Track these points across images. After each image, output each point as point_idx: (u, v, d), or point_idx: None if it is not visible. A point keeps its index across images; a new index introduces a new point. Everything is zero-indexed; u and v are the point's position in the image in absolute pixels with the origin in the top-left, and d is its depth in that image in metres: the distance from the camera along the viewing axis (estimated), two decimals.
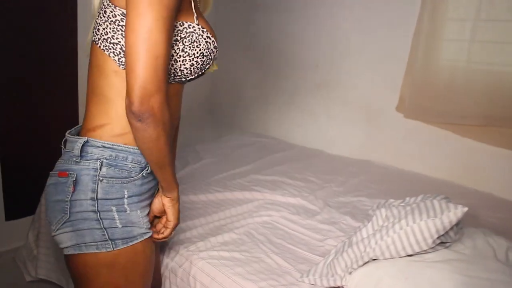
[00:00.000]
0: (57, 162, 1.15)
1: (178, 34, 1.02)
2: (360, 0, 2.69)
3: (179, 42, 1.02)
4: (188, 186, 2.16)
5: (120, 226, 1.07)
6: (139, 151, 1.06)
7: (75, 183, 1.04)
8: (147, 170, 1.11)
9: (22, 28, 2.34)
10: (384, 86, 2.62)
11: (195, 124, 3.52)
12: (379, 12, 2.60)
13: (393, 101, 2.55)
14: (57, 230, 1.06)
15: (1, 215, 2.52)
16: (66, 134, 1.15)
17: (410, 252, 1.31)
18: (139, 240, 1.11)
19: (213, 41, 1.08)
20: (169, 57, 0.97)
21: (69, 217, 1.04)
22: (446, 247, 1.37)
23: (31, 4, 2.35)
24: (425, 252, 1.33)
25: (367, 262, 1.35)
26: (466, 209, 1.28)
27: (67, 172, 1.06)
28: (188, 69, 1.06)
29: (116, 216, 1.07)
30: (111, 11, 1.01)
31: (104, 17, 1.02)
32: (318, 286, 1.40)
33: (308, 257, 1.60)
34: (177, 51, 1.03)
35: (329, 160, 2.75)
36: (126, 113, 0.95)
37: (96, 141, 1.06)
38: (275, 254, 1.61)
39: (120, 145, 1.06)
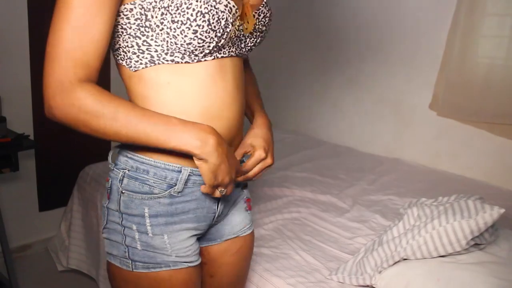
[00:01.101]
0: None
1: (159, 3, 0.83)
2: None
3: (165, 14, 0.82)
4: None
5: (139, 248, 0.93)
6: (163, 165, 0.91)
7: (109, 191, 0.96)
8: (178, 189, 0.92)
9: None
10: (418, 83, 2.57)
11: None
12: (413, 7, 2.55)
13: (426, 99, 2.50)
14: (102, 233, 0.99)
15: (35, 206, 2.58)
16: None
17: (442, 253, 1.28)
18: (164, 269, 0.93)
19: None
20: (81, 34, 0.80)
21: (106, 223, 0.97)
22: (481, 249, 1.33)
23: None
24: (458, 253, 1.30)
25: (398, 261, 1.33)
26: (502, 210, 1.24)
27: (108, 178, 0.98)
28: (196, 39, 0.83)
29: (137, 236, 0.93)
30: None
31: None
32: (347, 284, 1.38)
33: (337, 255, 1.59)
34: (168, 24, 0.83)
35: (360, 158, 2.71)
36: None
37: (125, 150, 0.96)
38: (304, 251, 1.59)
39: (140, 156, 0.92)
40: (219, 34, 0.85)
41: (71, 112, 0.82)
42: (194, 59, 0.88)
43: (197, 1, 0.82)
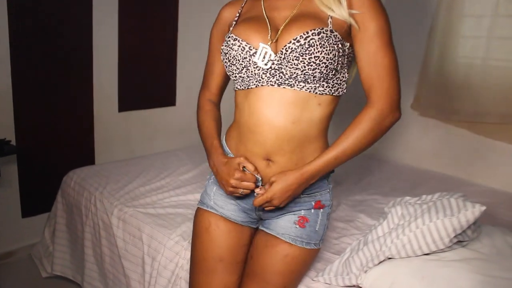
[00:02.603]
0: None
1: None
2: None
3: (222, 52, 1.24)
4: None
5: (204, 190, 1.39)
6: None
7: None
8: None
9: (38, 28, 2.36)
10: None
11: None
12: (394, 8, 2.58)
13: (408, 99, 2.53)
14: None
15: (17, 212, 2.54)
16: None
17: (426, 251, 1.30)
18: (202, 206, 1.35)
19: (234, 38, 1.18)
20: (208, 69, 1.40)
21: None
22: (463, 246, 1.35)
23: (48, 4, 2.37)
24: (442, 251, 1.31)
25: (383, 261, 1.34)
26: (484, 208, 1.26)
27: None
28: (228, 72, 1.23)
29: (205, 183, 1.40)
30: None
31: None
32: (334, 285, 1.39)
33: (323, 256, 1.59)
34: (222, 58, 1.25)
35: None
36: None
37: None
38: None
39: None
40: (240, 68, 1.17)
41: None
42: (241, 87, 1.21)
43: (224, 43, 1.20)
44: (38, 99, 2.46)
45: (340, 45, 1.11)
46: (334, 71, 1.13)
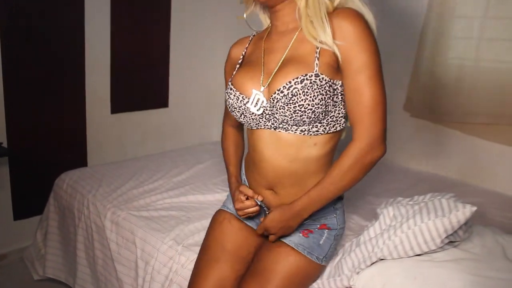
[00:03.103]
0: None
1: None
2: None
3: None
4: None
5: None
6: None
7: None
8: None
9: (29, 30, 2.35)
10: (391, 85, 2.60)
11: None
12: (385, 10, 2.59)
13: (400, 100, 2.54)
14: None
15: (9, 215, 2.53)
16: None
17: (418, 252, 1.30)
18: (222, 207, 1.49)
19: (230, 88, 1.28)
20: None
21: None
22: (455, 246, 1.36)
23: (39, 5, 2.36)
24: (434, 251, 1.32)
25: (375, 262, 1.35)
26: (474, 208, 1.27)
27: None
28: (233, 115, 1.31)
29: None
30: None
31: None
32: (326, 287, 1.40)
33: None
34: None
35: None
36: None
37: None
38: None
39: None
40: (238, 114, 1.26)
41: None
42: (246, 126, 1.31)
43: (226, 90, 1.30)
44: (30, 101, 2.45)
45: (327, 87, 1.13)
46: (323, 113, 1.16)
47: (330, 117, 1.19)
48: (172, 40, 3.07)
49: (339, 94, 1.18)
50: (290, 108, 1.14)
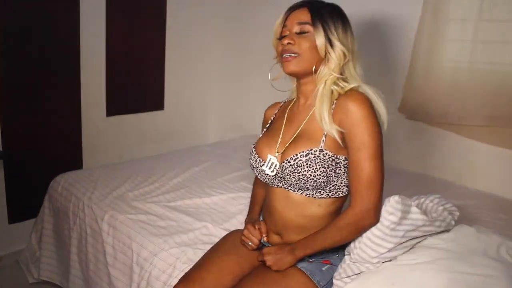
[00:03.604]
0: None
1: None
2: (362, 1, 2.69)
3: None
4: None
5: None
6: None
7: None
8: None
9: (25, 32, 2.35)
10: (386, 87, 2.60)
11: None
12: (381, 13, 2.61)
13: (395, 102, 2.55)
14: None
15: (4, 218, 2.53)
16: None
17: (383, 253, 1.30)
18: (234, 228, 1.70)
19: (252, 151, 1.50)
20: None
21: None
22: (426, 238, 1.35)
23: (34, 8, 2.36)
24: (409, 252, 1.31)
25: (357, 273, 1.35)
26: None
27: None
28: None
29: None
30: None
31: None
32: None
33: None
34: None
35: None
36: None
37: None
38: None
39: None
40: (256, 173, 1.47)
41: None
42: (267, 184, 1.48)
43: (250, 150, 1.51)
44: (25, 103, 2.45)
45: (330, 161, 1.30)
46: (325, 182, 1.32)
47: (333, 185, 1.35)
48: (167, 43, 3.08)
49: (342, 167, 1.33)
50: (295, 176, 1.32)
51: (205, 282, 1.36)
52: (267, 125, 1.59)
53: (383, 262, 1.32)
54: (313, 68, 1.35)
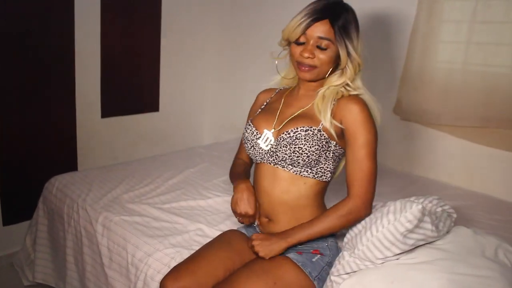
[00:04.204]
0: None
1: None
2: (356, 2, 2.69)
3: None
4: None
5: None
6: None
7: None
8: None
9: (20, 34, 2.34)
10: (381, 88, 2.62)
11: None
12: (375, 14, 2.61)
13: (390, 103, 2.56)
14: None
15: None
16: None
17: (387, 255, 1.30)
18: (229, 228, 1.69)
19: (248, 124, 1.56)
20: (242, 140, 1.65)
21: None
22: (429, 242, 1.35)
23: (29, 9, 2.35)
24: (409, 252, 1.32)
25: (356, 271, 1.35)
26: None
27: None
28: (246, 147, 1.56)
29: None
30: None
31: None
32: None
33: None
34: None
35: None
36: None
37: None
38: None
39: None
40: (249, 146, 1.53)
41: None
42: (255, 161, 1.57)
43: (245, 126, 1.58)
44: (19, 105, 2.44)
45: (324, 142, 1.40)
46: (316, 161, 1.40)
47: (320, 168, 1.43)
48: (162, 44, 3.07)
49: (331, 152, 1.43)
50: (291, 148, 1.40)
51: (196, 274, 1.37)
52: (262, 106, 1.65)
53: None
54: (326, 75, 1.45)
